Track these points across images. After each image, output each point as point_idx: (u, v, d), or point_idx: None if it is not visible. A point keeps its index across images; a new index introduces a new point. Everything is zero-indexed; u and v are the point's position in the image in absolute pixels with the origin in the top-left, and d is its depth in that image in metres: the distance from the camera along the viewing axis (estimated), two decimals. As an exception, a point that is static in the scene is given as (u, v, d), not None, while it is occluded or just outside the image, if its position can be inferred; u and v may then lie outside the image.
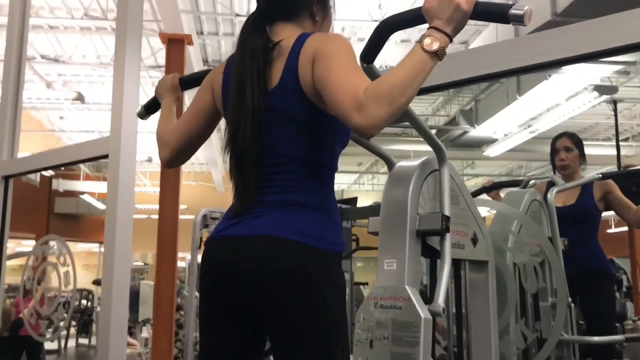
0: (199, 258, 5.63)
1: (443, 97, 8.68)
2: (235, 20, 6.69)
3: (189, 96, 3.47)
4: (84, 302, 10.02)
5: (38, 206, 10.56)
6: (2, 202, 3.57)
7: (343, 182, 14.60)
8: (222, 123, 1.47)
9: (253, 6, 1.39)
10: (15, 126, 3.61)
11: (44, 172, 9.55)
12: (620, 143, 8.19)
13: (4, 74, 3.66)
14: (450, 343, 1.70)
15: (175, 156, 1.50)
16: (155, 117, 1.64)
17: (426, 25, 1.17)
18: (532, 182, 2.47)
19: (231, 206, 1.35)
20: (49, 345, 8.63)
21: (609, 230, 12.40)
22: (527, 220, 1.98)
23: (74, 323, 9.71)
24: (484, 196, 2.59)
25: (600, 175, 2.56)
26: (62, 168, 10.42)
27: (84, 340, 10.01)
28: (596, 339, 2.30)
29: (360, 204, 4.12)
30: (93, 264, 15.88)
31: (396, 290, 1.46)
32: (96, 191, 12.58)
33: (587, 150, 2.86)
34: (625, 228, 8.79)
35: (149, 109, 1.61)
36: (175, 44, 5.87)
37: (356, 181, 14.49)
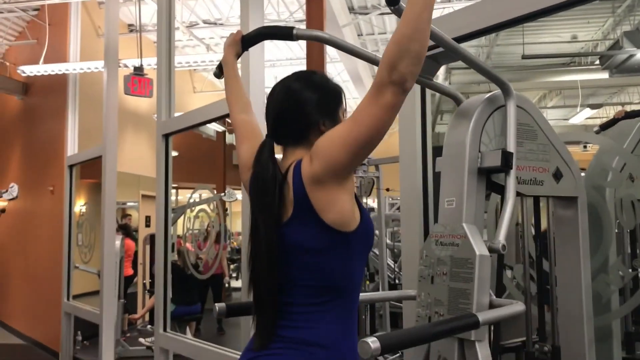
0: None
1: (613, 20, 7.81)
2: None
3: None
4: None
5: (216, 159, 11.62)
6: (164, 156, 3.98)
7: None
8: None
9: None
10: (171, 89, 4.01)
11: (217, 128, 10.43)
12: None
13: (157, 43, 4.04)
14: (526, 281, 1.67)
15: None
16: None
17: None
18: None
19: (254, 335, 1.37)
20: (234, 284, 9.63)
21: None
22: (629, 155, 1.82)
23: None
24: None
25: None
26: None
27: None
28: None
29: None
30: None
31: (454, 228, 1.48)
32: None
33: None
34: None
35: (221, 69, 1.74)
36: (315, -5, 5.98)
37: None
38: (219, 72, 1.71)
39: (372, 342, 1.00)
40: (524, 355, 1.80)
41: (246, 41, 1.62)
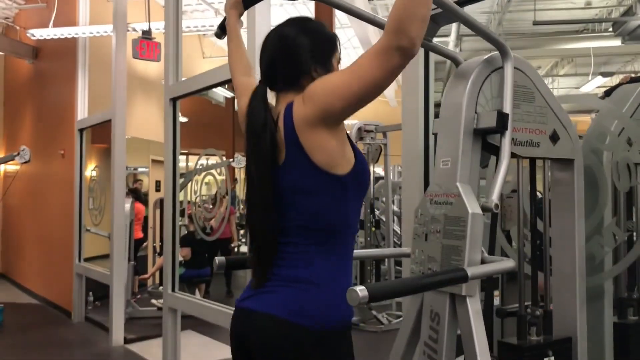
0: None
1: (628, -15, 7.67)
2: None
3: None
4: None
5: (225, 125, 11.66)
6: (172, 120, 4.02)
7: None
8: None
9: None
10: (178, 53, 4.02)
11: (226, 94, 10.43)
12: None
13: (165, 7, 4.04)
14: (520, 242, 1.71)
15: None
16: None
17: None
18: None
19: (252, 274, 1.42)
20: (243, 249, 9.75)
21: None
22: (627, 119, 1.83)
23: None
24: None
25: None
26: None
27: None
28: None
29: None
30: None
31: (449, 187, 1.52)
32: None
33: None
34: None
35: (223, 29, 1.75)
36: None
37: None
38: (220, 32, 1.73)
39: (360, 290, 1.05)
40: (517, 317, 1.83)
41: (247, 1, 1.64)
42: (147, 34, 5.08)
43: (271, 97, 1.45)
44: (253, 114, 1.37)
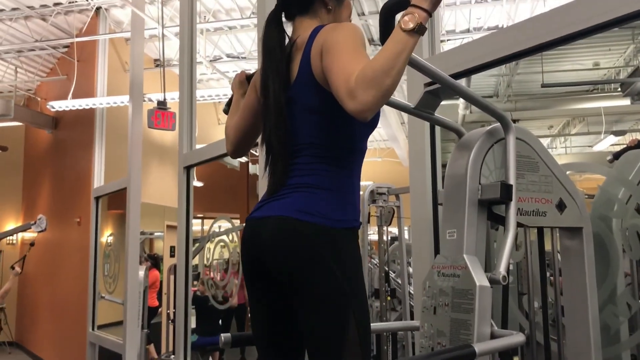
0: (370, 231, 5.89)
1: (634, 46, 7.77)
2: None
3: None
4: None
5: (240, 189, 11.77)
6: (185, 188, 4.07)
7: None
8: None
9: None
10: (192, 122, 4.12)
11: (241, 159, 10.57)
12: None
13: (179, 78, 4.17)
14: (531, 312, 1.68)
15: (235, 149, 1.70)
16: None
17: None
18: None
19: (268, 186, 1.51)
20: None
21: None
22: (635, 186, 1.83)
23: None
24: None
25: None
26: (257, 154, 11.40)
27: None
28: None
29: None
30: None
31: (455, 259, 1.51)
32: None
33: None
34: None
35: (229, 106, 1.81)
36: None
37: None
38: (228, 109, 1.79)
39: (365, 371, 1.03)
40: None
41: (250, 79, 1.70)
42: (162, 105, 5.22)
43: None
44: (269, 35, 1.48)
